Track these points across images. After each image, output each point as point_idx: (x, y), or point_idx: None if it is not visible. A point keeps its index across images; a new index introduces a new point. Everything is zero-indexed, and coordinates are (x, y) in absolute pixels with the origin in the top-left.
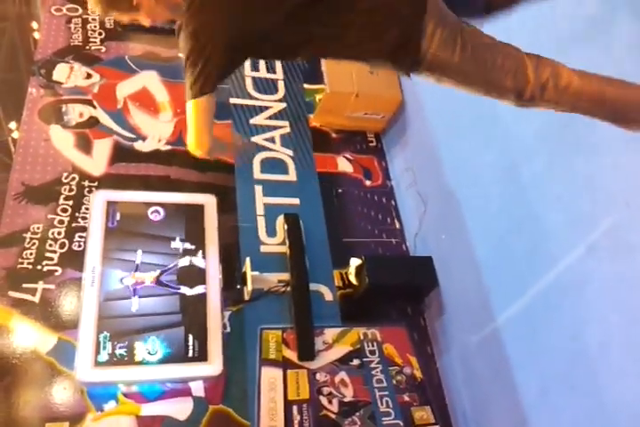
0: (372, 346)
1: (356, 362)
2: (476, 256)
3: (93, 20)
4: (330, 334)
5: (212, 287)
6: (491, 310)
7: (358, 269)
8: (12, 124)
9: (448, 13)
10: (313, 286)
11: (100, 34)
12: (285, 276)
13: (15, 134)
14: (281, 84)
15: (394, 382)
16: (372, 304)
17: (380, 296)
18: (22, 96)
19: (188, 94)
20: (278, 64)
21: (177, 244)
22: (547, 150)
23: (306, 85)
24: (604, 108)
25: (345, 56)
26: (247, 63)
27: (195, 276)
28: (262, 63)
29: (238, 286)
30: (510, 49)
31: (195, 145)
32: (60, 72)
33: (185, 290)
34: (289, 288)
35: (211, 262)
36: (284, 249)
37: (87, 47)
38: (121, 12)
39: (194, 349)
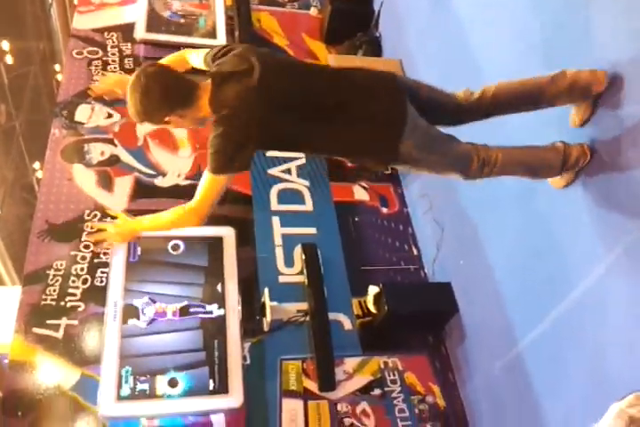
0: (394, 375)
1: (377, 392)
2: (495, 280)
3: (113, 61)
4: (350, 363)
5: (232, 319)
6: (513, 335)
7: (377, 298)
8: (36, 165)
9: (420, 120)
10: (332, 316)
11: (120, 74)
12: (304, 305)
13: (39, 174)
14: None
15: (416, 411)
16: (391, 333)
17: (400, 324)
18: (46, 137)
19: (211, 169)
20: None
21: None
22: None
23: None
24: (521, 168)
25: (335, 155)
26: None
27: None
28: None
29: (257, 317)
30: (459, 141)
31: (194, 212)
32: (82, 113)
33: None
34: (308, 318)
35: (230, 294)
36: (303, 279)
37: None
38: (154, 124)
39: (214, 381)
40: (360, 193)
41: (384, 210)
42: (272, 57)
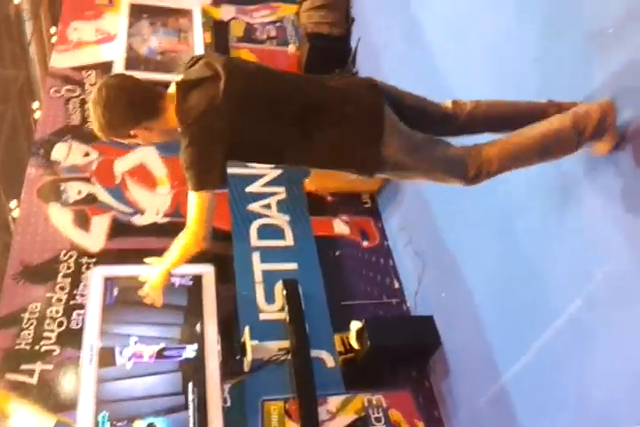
0: (378, 413)
1: None
2: (477, 312)
3: None
4: (333, 402)
5: (211, 360)
6: (496, 368)
7: (359, 333)
8: (13, 203)
9: (400, 124)
10: (314, 353)
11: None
12: (286, 343)
13: (16, 213)
14: None
15: None
16: (375, 368)
17: (383, 359)
18: (23, 175)
19: (192, 187)
20: None
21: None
22: (538, 205)
23: None
24: (530, 153)
25: (315, 165)
26: None
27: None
28: None
29: (238, 357)
30: (448, 144)
31: (193, 234)
32: (59, 151)
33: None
34: (289, 356)
35: (209, 334)
36: (284, 316)
37: (86, 126)
38: (121, 138)
39: (194, 426)
40: (340, 227)
41: (364, 243)
42: (241, 63)
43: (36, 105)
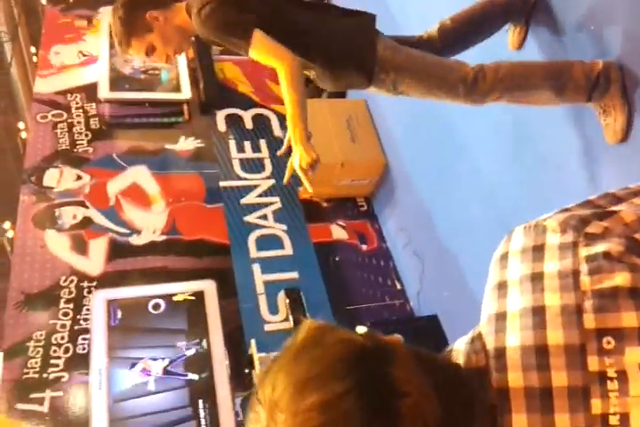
0: None
1: None
2: (479, 310)
3: (79, 122)
4: None
5: (220, 375)
6: None
7: None
8: (6, 224)
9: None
10: None
11: (86, 135)
12: None
13: (10, 233)
14: (267, 162)
15: None
16: None
17: None
18: (13, 197)
19: (244, 45)
20: (263, 143)
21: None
22: (535, 203)
23: None
24: (540, 73)
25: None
26: (233, 146)
27: (202, 362)
28: (247, 144)
29: (247, 370)
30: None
31: (285, 67)
32: (51, 177)
33: (193, 377)
34: None
35: (216, 349)
36: (289, 325)
37: (75, 150)
38: (139, 38)
39: None
40: (338, 232)
41: (363, 247)
42: None
43: (21, 126)
